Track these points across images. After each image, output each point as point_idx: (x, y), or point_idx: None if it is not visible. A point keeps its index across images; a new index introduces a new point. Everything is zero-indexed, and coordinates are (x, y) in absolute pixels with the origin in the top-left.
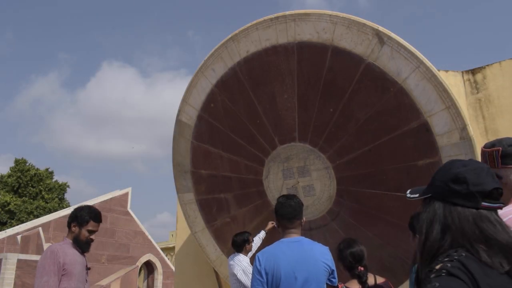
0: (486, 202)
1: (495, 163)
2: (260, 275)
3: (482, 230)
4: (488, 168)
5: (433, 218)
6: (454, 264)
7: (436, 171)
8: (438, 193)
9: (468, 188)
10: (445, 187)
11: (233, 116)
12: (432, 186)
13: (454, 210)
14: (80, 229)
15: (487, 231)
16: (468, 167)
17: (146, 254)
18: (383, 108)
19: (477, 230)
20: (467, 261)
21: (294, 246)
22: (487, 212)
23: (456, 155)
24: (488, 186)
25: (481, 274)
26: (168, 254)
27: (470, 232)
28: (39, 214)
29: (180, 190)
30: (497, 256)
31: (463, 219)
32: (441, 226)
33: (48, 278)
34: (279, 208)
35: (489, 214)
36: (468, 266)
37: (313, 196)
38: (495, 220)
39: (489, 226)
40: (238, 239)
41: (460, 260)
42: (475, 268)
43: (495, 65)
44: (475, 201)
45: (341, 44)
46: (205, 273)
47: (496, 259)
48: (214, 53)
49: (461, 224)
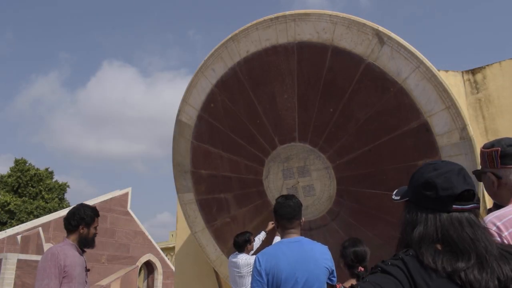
0: (457, 205)
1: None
2: (260, 276)
3: (444, 232)
4: (460, 169)
5: (406, 223)
6: (394, 262)
7: (413, 174)
8: (414, 198)
9: (437, 193)
10: (418, 192)
11: (233, 116)
12: (409, 190)
13: (425, 215)
14: (89, 229)
15: (449, 233)
16: (439, 171)
17: (146, 254)
18: (383, 108)
19: (440, 233)
20: (410, 260)
21: (294, 246)
22: (458, 214)
23: (456, 155)
24: (458, 190)
25: (421, 273)
26: (168, 254)
27: (430, 234)
28: (39, 214)
29: (180, 190)
30: (446, 258)
31: (430, 224)
32: (411, 230)
33: (49, 281)
34: (278, 208)
35: (461, 216)
36: (409, 265)
37: (313, 196)
38: (466, 221)
39: (457, 228)
40: (240, 240)
41: (403, 259)
42: (415, 268)
43: (495, 65)
44: (444, 205)
45: (341, 44)
46: (205, 273)
47: (442, 261)
48: (214, 53)
49: (426, 228)
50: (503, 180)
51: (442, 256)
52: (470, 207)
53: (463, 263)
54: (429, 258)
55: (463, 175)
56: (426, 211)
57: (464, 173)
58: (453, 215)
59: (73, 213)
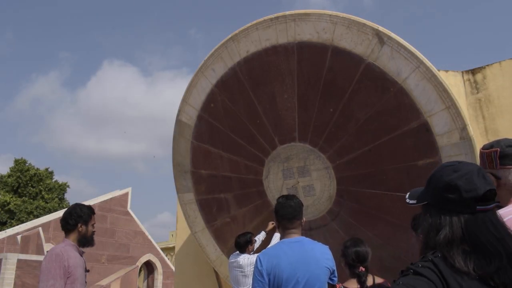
0: (480, 205)
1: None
2: (261, 276)
3: (471, 234)
4: (478, 169)
5: (430, 227)
6: (425, 264)
7: (430, 177)
8: (434, 201)
9: (461, 196)
10: (439, 195)
11: (233, 116)
12: (428, 193)
13: (449, 218)
14: (87, 227)
15: (476, 234)
16: (459, 172)
17: (146, 254)
18: (383, 108)
19: (466, 235)
20: (440, 262)
21: (295, 246)
22: (482, 215)
23: (456, 155)
24: (481, 190)
25: (452, 274)
26: (168, 254)
27: (457, 237)
28: (39, 214)
29: (180, 190)
30: (476, 260)
31: (456, 227)
32: (435, 234)
33: (54, 282)
34: (279, 208)
35: (484, 216)
36: (440, 266)
37: (313, 196)
38: (490, 221)
39: (482, 229)
40: (241, 240)
41: (433, 260)
42: (446, 269)
43: (495, 65)
44: (469, 207)
45: (341, 44)
46: (205, 273)
47: (473, 264)
48: (214, 53)
49: (452, 231)
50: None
51: (472, 258)
52: (492, 207)
53: (495, 265)
54: (460, 261)
55: (483, 174)
56: (450, 214)
57: (483, 173)
58: (478, 216)
59: (69, 213)
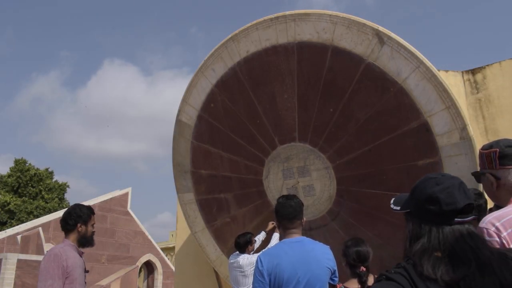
0: (458, 218)
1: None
2: (262, 276)
3: (446, 243)
4: (460, 183)
5: (410, 235)
6: (397, 270)
7: (414, 187)
8: (416, 210)
9: (441, 208)
10: (421, 206)
11: (233, 116)
12: (411, 202)
13: (428, 228)
14: (87, 227)
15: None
16: (441, 186)
17: (146, 254)
18: (383, 108)
19: (442, 245)
20: (411, 268)
21: (296, 246)
22: (460, 226)
23: (456, 155)
24: (460, 204)
25: (421, 280)
26: (168, 254)
27: (434, 246)
28: (39, 214)
29: (180, 190)
30: (445, 267)
31: (433, 237)
32: (415, 241)
33: (52, 282)
34: (279, 208)
35: (462, 228)
36: (411, 273)
37: (313, 196)
38: (467, 232)
39: (459, 239)
40: (241, 240)
41: (404, 267)
42: (417, 275)
43: (495, 65)
44: (448, 219)
45: (341, 44)
46: (205, 273)
47: (441, 271)
48: (214, 53)
49: (430, 241)
50: (502, 181)
51: (442, 266)
52: (470, 219)
53: (462, 272)
54: (429, 269)
55: (463, 189)
56: (430, 224)
57: (464, 187)
58: (455, 227)
59: (69, 213)
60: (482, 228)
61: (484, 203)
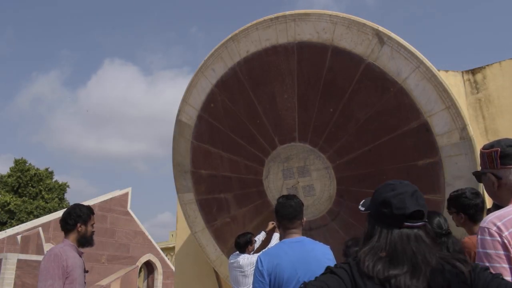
0: (408, 222)
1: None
2: (262, 276)
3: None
4: (414, 191)
5: (365, 234)
6: (342, 265)
7: (375, 191)
8: (373, 212)
9: (392, 211)
10: (377, 208)
11: (233, 116)
12: (371, 205)
13: (380, 228)
14: (86, 227)
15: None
16: (395, 191)
17: (146, 254)
18: (383, 108)
19: (388, 245)
20: (355, 265)
21: (296, 246)
22: (408, 230)
23: (456, 155)
24: (409, 210)
25: (360, 276)
26: (168, 254)
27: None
28: (39, 214)
29: (180, 190)
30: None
31: (383, 237)
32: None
33: (53, 282)
34: (279, 208)
35: (410, 232)
36: (353, 269)
37: (313, 196)
38: (413, 237)
39: (404, 242)
40: (241, 241)
41: (349, 263)
42: (358, 272)
43: (495, 65)
44: (397, 222)
45: (341, 44)
46: (205, 273)
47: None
48: (214, 53)
49: (379, 240)
50: (503, 181)
51: (381, 265)
52: (419, 225)
53: (396, 271)
54: (369, 266)
55: (416, 196)
56: (382, 225)
57: (417, 195)
58: (404, 231)
59: (69, 213)
60: (483, 227)
61: (481, 202)
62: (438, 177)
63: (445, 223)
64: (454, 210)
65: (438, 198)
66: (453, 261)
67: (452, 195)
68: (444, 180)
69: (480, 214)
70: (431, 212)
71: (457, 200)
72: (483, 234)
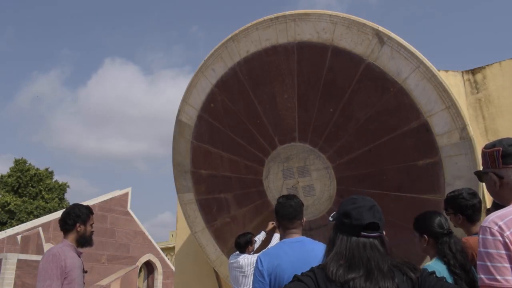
0: (365, 232)
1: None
2: (262, 276)
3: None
4: (371, 206)
5: (329, 241)
6: (308, 273)
7: (340, 204)
8: (337, 222)
9: (351, 222)
10: (340, 219)
11: (233, 116)
12: (336, 215)
13: (341, 237)
14: (86, 226)
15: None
16: (355, 205)
17: (146, 254)
18: (383, 108)
19: (347, 251)
20: (319, 272)
21: (296, 246)
22: (365, 239)
23: (456, 155)
24: (365, 221)
25: (324, 281)
26: (168, 254)
27: (341, 252)
28: (39, 214)
29: (180, 190)
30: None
31: (343, 244)
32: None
33: (51, 282)
34: (279, 208)
35: (366, 241)
36: (317, 275)
37: (313, 196)
38: (369, 245)
39: (360, 249)
40: (242, 241)
41: (313, 270)
42: (321, 277)
43: (495, 65)
44: (355, 232)
45: (341, 44)
46: (205, 273)
47: (340, 274)
48: (214, 53)
49: (340, 247)
50: (505, 180)
51: (342, 270)
52: (374, 235)
53: (353, 275)
54: (333, 271)
55: (373, 210)
56: (343, 234)
57: (374, 209)
58: (361, 239)
59: (68, 213)
60: (485, 227)
61: (478, 203)
62: (438, 177)
63: (446, 222)
64: (451, 211)
65: (438, 198)
66: (404, 268)
67: (449, 196)
68: (444, 180)
69: (477, 215)
70: (432, 212)
71: (454, 201)
72: (485, 233)
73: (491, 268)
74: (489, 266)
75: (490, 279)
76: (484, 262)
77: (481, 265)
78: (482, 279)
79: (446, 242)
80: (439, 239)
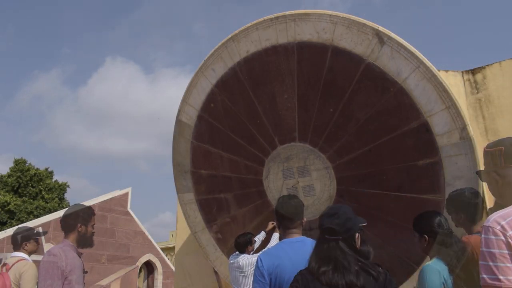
0: (328, 236)
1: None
2: (262, 276)
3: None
4: (333, 214)
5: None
6: (301, 271)
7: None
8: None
9: (320, 227)
10: (319, 225)
11: (233, 116)
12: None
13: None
14: (87, 227)
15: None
16: (324, 212)
17: (146, 254)
18: (383, 108)
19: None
20: (304, 270)
21: (297, 246)
22: (335, 242)
23: (456, 155)
24: (324, 226)
25: (311, 280)
26: (168, 254)
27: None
28: (39, 214)
29: (180, 190)
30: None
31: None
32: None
33: (52, 282)
34: (279, 208)
35: (335, 243)
36: (305, 275)
37: (313, 196)
38: (334, 245)
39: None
40: (241, 241)
41: (301, 272)
42: (308, 277)
43: (495, 65)
44: (322, 235)
45: (341, 44)
46: (205, 273)
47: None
48: (214, 53)
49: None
50: (506, 179)
51: (317, 265)
52: (332, 238)
53: (324, 268)
54: (314, 267)
55: (334, 218)
56: (320, 237)
57: (335, 216)
58: (331, 243)
59: (69, 213)
60: (487, 226)
61: (480, 202)
62: (438, 177)
63: (446, 222)
64: (453, 210)
65: (438, 198)
66: (369, 269)
67: (451, 195)
68: (444, 180)
69: (479, 214)
70: (432, 212)
71: (456, 200)
72: (487, 233)
73: (493, 268)
74: (492, 266)
75: (492, 279)
76: (487, 262)
77: (484, 265)
78: (485, 279)
79: (446, 242)
80: (439, 239)
